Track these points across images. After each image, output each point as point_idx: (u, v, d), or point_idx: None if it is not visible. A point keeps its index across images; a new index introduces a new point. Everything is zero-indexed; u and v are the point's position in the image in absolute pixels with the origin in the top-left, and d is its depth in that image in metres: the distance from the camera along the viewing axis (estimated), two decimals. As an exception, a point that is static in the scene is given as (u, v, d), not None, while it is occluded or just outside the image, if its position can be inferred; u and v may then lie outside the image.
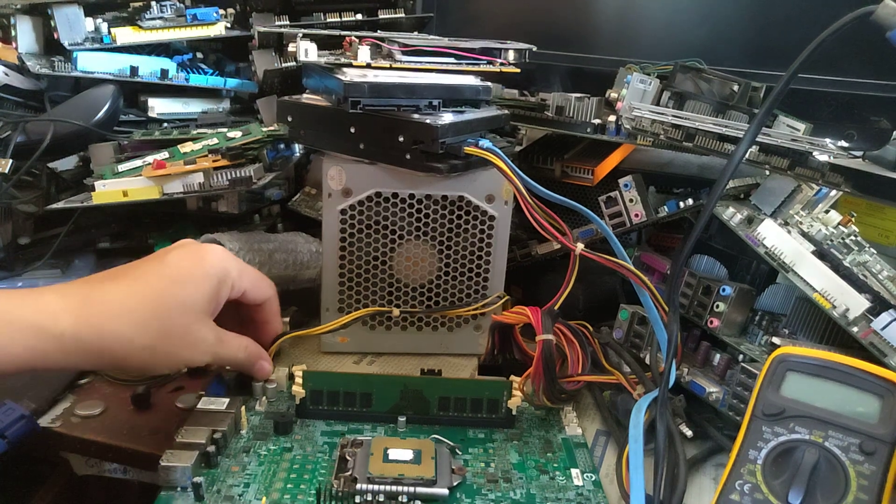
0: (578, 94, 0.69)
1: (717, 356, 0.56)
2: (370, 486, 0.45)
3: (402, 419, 0.53)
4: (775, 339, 0.54)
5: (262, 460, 0.49)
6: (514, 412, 0.54)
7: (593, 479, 0.49)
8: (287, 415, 0.53)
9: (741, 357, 0.55)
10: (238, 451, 0.49)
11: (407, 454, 0.48)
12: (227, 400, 0.52)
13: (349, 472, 0.46)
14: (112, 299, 0.44)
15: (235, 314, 0.54)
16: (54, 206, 0.69)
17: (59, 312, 0.42)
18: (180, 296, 0.45)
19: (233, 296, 0.50)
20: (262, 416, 0.54)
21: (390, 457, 0.47)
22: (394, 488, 0.45)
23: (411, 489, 0.45)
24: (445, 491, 0.45)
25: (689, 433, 0.53)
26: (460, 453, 0.51)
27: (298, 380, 0.53)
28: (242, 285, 0.50)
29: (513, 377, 0.54)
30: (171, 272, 0.46)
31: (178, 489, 0.45)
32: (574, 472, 0.50)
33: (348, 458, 0.47)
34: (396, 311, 0.63)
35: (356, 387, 0.53)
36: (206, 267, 0.47)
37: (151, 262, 0.47)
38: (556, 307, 0.56)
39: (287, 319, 0.66)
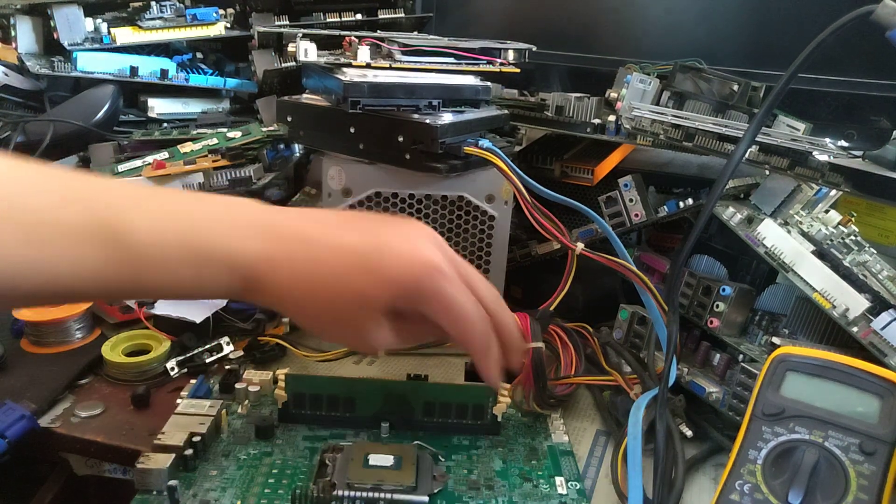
0: (578, 94, 0.69)
1: (717, 356, 0.56)
2: (348, 493, 0.44)
3: (385, 425, 0.53)
4: (775, 339, 0.54)
5: (242, 464, 0.48)
6: (499, 419, 0.53)
7: (577, 487, 0.48)
8: (269, 419, 0.52)
9: (741, 357, 0.55)
10: (217, 454, 0.49)
11: (388, 460, 0.47)
12: (208, 402, 0.52)
13: (328, 478, 0.45)
14: (300, 246, 0.40)
15: None
16: (54, 206, 0.69)
17: (254, 255, 0.39)
18: (369, 283, 0.39)
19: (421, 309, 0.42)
20: (244, 420, 0.53)
21: (370, 462, 0.46)
22: (372, 494, 0.44)
23: (390, 496, 0.44)
24: (425, 498, 0.45)
25: (688, 433, 0.53)
26: (443, 460, 0.50)
27: (282, 384, 0.52)
28: (432, 310, 0.41)
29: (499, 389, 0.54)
30: (375, 249, 0.40)
31: (154, 493, 0.44)
32: (558, 480, 0.49)
33: (328, 462, 0.47)
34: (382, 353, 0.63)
35: (339, 391, 0.52)
36: (414, 263, 0.40)
37: (363, 220, 0.43)
38: (551, 307, 0.56)
39: (287, 320, 0.67)
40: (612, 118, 0.65)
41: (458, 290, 0.41)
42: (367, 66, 0.61)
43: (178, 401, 0.53)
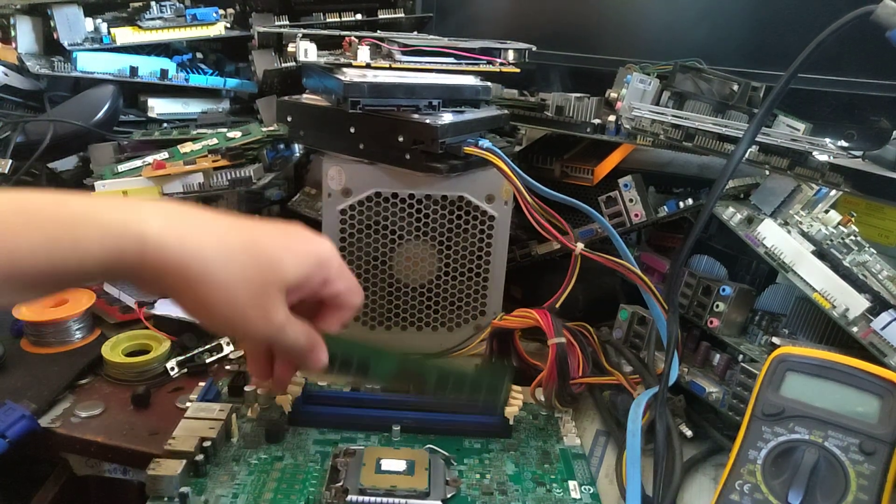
0: (578, 94, 0.69)
1: (717, 356, 0.56)
2: (361, 498, 0.44)
3: (396, 428, 0.52)
4: (775, 339, 0.54)
5: (253, 469, 0.48)
6: (510, 422, 0.53)
7: (591, 491, 0.48)
8: (279, 422, 0.52)
9: (741, 357, 0.55)
10: (228, 459, 0.49)
11: (400, 465, 0.47)
12: (217, 406, 0.52)
13: (340, 483, 0.45)
14: (209, 221, 0.40)
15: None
16: (54, 206, 0.69)
17: (150, 216, 0.38)
18: (278, 255, 0.41)
19: (323, 292, 0.45)
20: (253, 424, 0.53)
21: (383, 467, 0.46)
22: (385, 500, 0.44)
23: (403, 501, 0.44)
24: (439, 503, 0.45)
25: (688, 433, 0.53)
26: (455, 464, 0.50)
27: (291, 386, 0.52)
28: (337, 287, 0.45)
29: (511, 386, 0.54)
30: (280, 233, 0.43)
31: (165, 499, 0.44)
32: (571, 484, 0.49)
33: (340, 468, 0.47)
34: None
35: (355, 352, 0.48)
36: (314, 245, 0.44)
37: (264, 221, 0.44)
38: (556, 307, 0.56)
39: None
40: (612, 118, 0.65)
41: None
42: (367, 66, 0.61)
43: (188, 404, 0.53)
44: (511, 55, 0.67)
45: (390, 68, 0.61)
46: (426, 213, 0.61)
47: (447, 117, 0.57)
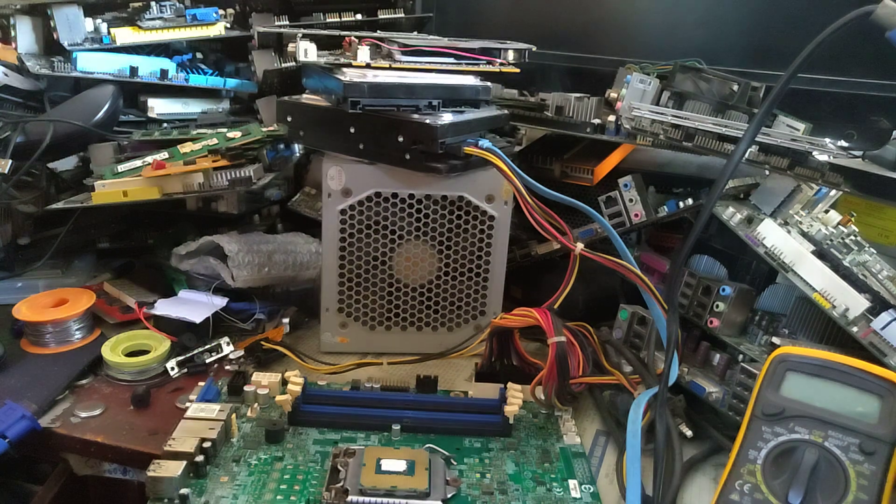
0: (578, 94, 0.69)
1: (717, 356, 0.56)
2: (362, 499, 0.44)
3: (396, 427, 0.52)
4: (775, 339, 0.54)
5: (253, 470, 0.48)
6: (511, 421, 0.53)
7: (591, 490, 0.48)
8: (279, 422, 0.52)
9: (741, 357, 0.55)
10: (228, 460, 0.48)
11: (400, 465, 0.47)
12: (217, 406, 0.51)
13: (341, 484, 0.45)
14: None
15: None
16: (54, 206, 0.69)
17: None
18: None
19: None
20: (253, 424, 0.53)
21: (383, 467, 0.46)
22: (386, 501, 0.44)
23: (404, 502, 0.44)
24: (439, 503, 0.45)
25: (688, 433, 0.53)
26: (455, 464, 0.50)
27: (291, 386, 0.52)
28: None
29: (510, 385, 0.54)
30: None
31: (165, 501, 0.44)
32: (572, 483, 0.49)
33: (340, 468, 0.47)
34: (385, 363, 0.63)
35: None
36: None
37: None
38: (555, 306, 0.56)
39: (287, 320, 0.67)
40: (612, 118, 0.65)
41: None
42: (367, 66, 0.61)
43: (188, 404, 0.53)
44: (511, 55, 0.67)
45: (390, 68, 0.61)
46: (426, 213, 0.61)
47: (447, 117, 0.57)
